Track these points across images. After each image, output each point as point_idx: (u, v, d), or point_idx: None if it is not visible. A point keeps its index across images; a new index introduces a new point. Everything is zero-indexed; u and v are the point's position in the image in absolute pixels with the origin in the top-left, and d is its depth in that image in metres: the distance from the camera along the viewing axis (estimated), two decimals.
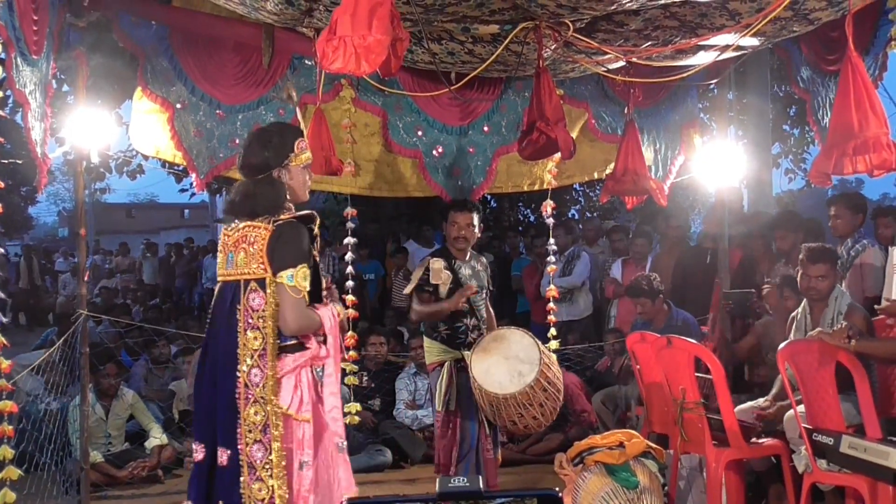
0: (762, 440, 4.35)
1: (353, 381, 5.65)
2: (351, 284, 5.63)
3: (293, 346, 3.01)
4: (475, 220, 4.59)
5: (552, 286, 5.96)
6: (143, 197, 44.91)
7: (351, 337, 5.53)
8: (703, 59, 4.67)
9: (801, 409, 3.95)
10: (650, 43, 4.38)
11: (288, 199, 3.11)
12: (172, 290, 15.55)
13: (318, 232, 3.10)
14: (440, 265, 4.45)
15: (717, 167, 5.73)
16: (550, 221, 5.79)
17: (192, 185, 7.31)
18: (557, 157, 5.15)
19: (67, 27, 4.49)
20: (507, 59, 4.60)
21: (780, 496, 4.40)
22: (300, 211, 3.10)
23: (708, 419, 4.26)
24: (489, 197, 12.23)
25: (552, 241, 5.88)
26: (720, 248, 5.73)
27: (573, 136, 5.30)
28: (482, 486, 2.42)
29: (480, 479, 2.61)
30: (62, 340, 4.77)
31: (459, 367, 4.45)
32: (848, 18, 3.60)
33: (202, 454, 3.02)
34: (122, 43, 4.93)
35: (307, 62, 5.02)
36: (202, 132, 4.97)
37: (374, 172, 5.57)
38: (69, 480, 5.21)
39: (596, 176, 6.11)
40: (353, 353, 5.59)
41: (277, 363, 2.95)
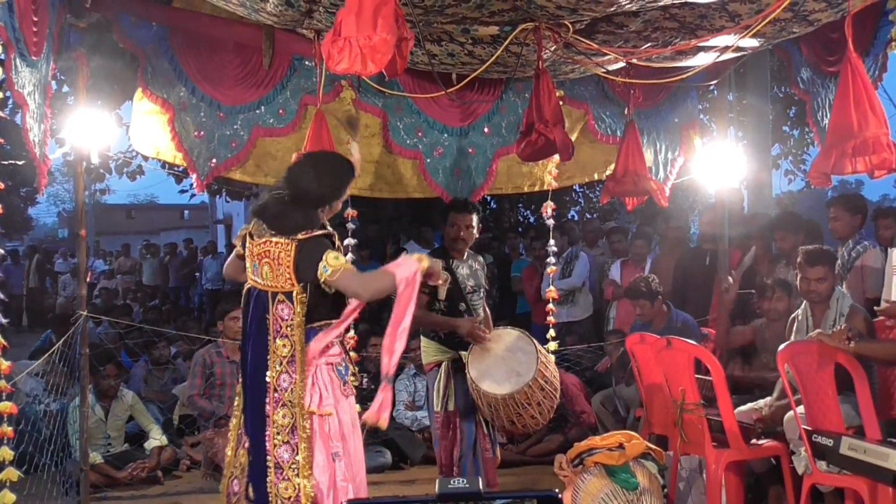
0: (762, 441, 4.34)
1: (353, 382, 5.63)
2: None
3: (320, 326, 3.24)
4: (475, 221, 4.58)
5: (552, 288, 5.96)
6: (143, 198, 44.87)
7: (351, 338, 5.53)
8: (702, 60, 4.67)
9: (800, 410, 3.94)
10: (650, 44, 4.37)
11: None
12: (170, 291, 15.55)
13: (339, 245, 3.28)
14: (438, 266, 4.44)
15: (716, 168, 5.72)
16: (551, 223, 5.79)
17: (192, 186, 7.30)
18: (557, 158, 5.15)
19: (68, 28, 4.49)
20: (506, 60, 4.60)
21: (779, 497, 4.39)
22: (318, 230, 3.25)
23: (708, 420, 4.26)
24: (489, 198, 12.22)
25: (552, 242, 5.88)
26: (720, 249, 5.72)
27: (573, 137, 5.31)
28: (482, 487, 2.41)
29: (480, 479, 2.60)
30: (62, 341, 4.76)
31: (457, 367, 4.45)
32: (848, 19, 3.61)
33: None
34: (122, 44, 4.94)
35: (307, 63, 5.02)
36: (203, 133, 4.98)
37: (374, 173, 5.57)
38: (69, 481, 5.20)
39: (596, 177, 6.12)
40: (353, 354, 5.59)
41: (307, 348, 3.18)
